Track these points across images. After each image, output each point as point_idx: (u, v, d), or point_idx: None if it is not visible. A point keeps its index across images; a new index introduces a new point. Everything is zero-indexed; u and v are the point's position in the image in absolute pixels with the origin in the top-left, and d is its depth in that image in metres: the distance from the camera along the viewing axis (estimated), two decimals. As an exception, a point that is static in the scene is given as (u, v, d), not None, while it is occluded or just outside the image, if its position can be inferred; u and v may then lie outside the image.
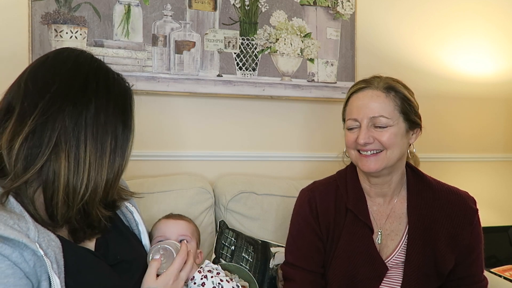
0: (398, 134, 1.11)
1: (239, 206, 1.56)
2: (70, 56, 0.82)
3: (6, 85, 0.80)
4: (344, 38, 1.92)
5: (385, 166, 1.12)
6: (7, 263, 0.66)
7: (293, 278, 1.19)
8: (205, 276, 1.05)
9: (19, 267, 0.67)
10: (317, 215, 1.20)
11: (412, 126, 1.15)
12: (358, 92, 1.16)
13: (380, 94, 1.11)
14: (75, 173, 0.75)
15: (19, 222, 0.69)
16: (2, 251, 0.65)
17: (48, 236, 0.72)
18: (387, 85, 1.13)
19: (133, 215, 1.00)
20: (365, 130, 1.11)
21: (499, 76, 2.19)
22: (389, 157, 1.11)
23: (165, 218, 1.22)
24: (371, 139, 1.10)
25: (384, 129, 1.10)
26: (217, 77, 1.76)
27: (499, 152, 2.22)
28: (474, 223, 1.17)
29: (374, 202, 1.21)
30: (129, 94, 0.86)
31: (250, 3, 1.79)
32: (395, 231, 1.18)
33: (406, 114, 1.12)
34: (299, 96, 1.87)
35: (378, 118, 1.10)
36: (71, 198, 0.75)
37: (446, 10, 2.10)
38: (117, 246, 0.90)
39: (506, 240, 2.00)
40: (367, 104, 1.12)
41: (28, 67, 0.81)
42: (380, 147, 1.11)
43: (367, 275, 1.13)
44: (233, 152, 1.82)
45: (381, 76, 1.18)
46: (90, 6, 1.60)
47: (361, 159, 1.14)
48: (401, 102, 1.12)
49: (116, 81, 0.84)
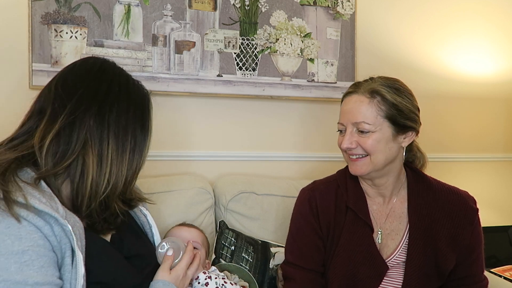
0: (381, 140, 1.10)
1: (239, 206, 1.56)
2: (95, 63, 0.91)
3: (6, 85, 0.81)
4: (344, 38, 1.92)
5: (372, 170, 1.13)
6: (39, 234, 0.72)
7: (293, 277, 1.20)
8: (209, 277, 1.08)
9: (49, 240, 0.73)
10: (317, 214, 1.20)
11: (402, 129, 1.13)
12: (347, 96, 1.17)
13: (363, 100, 1.11)
14: (99, 169, 0.83)
15: (50, 201, 0.76)
16: (36, 222, 0.72)
17: (73, 217, 0.79)
18: (372, 90, 1.11)
19: (146, 218, 1.06)
20: (348, 135, 1.12)
21: (499, 76, 2.19)
22: (374, 162, 1.12)
23: (178, 226, 1.29)
24: (354, 144, 1.12)
25: (367, 134, 1.10)
26: (217, 77, 1.76)
27: (499, 152, 2.22)
28: (474, 223, 1.17)
29: (374, 202, 1.22)
30: (147, 98, 0.95)
31: (250, 3, 1.79)
32: (395, 231, 1.19)
33: (392, 119, 1.10)
34: (299, 96, 1.87)
35: (360, 123, 1.10)
36: (94, 191, 0.83)
37: (446, 10, 2.10)
38: (130, 241, 0.95)
39: (506, 240, 2.00)
40: (351, 109, 1.13)
41: (58, 73, 0.90)
42: (363, 152, 1.12)
43: (368, 274, 1.13)
44: (233, 152, 1.82)
45: (375, 77, 1.17)
46: (90, 6, 1.60)
47: (350, 162, 1.17)
48: (386, 107, 1.10)
49: (135, 87, 0.93)
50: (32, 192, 0.75)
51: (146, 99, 0.94)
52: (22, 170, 0.78)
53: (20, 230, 0.70)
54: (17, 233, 0.70)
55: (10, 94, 1.53)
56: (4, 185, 0.72)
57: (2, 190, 0.71)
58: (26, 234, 0.70)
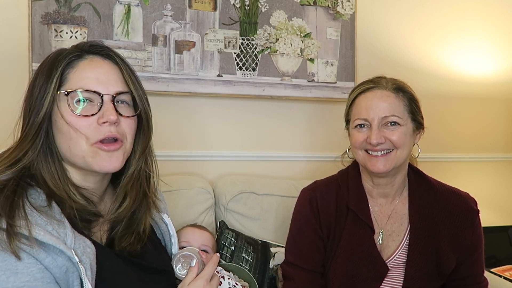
0: (407, 134, 1.12)
1: (239, 206, 1.56)
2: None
3: (6, 84, 0.80)
4: (344, 38, 1.92)
5: (394, 166, 1.12)
6: (38, 267, 0.68)
7: (293, 277, 1.19)
8: (222, 276, 1.11)
9: (50, 272, 0.69)
10: (318, 214, 1.20)
11: (418, 126, 1.16)
12: (366, 92, 1.14)
13: (390, 94, 1.11)
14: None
15: (58, 228, 0.72)
16: (36, 255, 0.68)
17: (84, 242, 0.74)
18: (396, 86, 1.13)
19: (168, 227, 1.01)
20: (376, 130, 1.10)
21: (499, 76, 2.19)
22: (399, 156, 1.11)
23: (191, 226, 1.29)
24: (382, 139, 1.09)
25: (395, 127, 1.10)
26: (217, 77, 1.76)
27: (499, 152, 2.22)
28: (475, 224, 1.17)
29: (376, 203, 1.21)
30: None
31: (250, 3, 1.79)
32: (396, 232, 1.18)
33: (414, 114, 1.13)
34: (299, 96, 1.87)
35: (390, 117, 1.10)
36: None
37: (446, 10, 2.10)
38: (151, 255, 0.91)
39: (506, 240, 2.00)
40: (377, 103, 1.11)
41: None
42: (391, 146, 1.10)
43: (368, 275, 1.13)
44: (233, 152, 1.82)
45: (386, 76, 1.17)
46: (90, 6, 1.60)
47: (370, 160, 1.12)
48: (409, 103, 1.12)
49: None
50: (39, 220, 0.70)
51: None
52: (32, 189, 0.75)
53: (17, 264, 0.66)
54: (14, 268, 0.66)
55: (10, 94, 1.53)
56: (10, 215, 0.68)
57: (6, 221, 0.68)
58: (23, 268, 0.67)
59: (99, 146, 0.79)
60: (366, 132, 1.12)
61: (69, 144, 0.78)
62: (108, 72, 0.82)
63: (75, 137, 0.78)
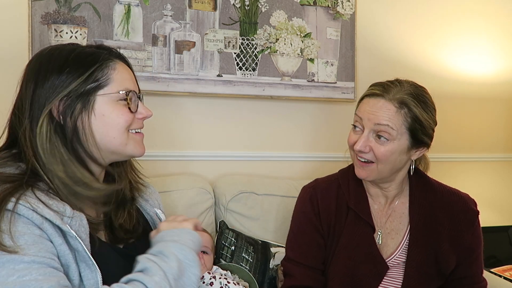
0: (395, 151, 1.08)
1: (239, 206, 1.56)
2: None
3: (6, 84, 0.81)
4: (344, 38, 1.92)
5: (375, 178, 1.13)
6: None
7: (293, 274, 1.20)
8: (213, 276, 1.09)
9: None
10: (318, 212, 1.20)
11: (417, 144, 1.11)
12: (371, 97, 1.11)
13: (391, 108, 1.07)
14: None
15: (58, 204, 0.78)
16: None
17: (81, 220, 0.79)
18: (401, 101, 1.07)
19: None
20: (365, 137, 1.09)
21: (499, 76, 2.19)
22: (380, 170, 1.11)
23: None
24: (367, 148, 1.09)
25: (384, 142, 1.07)
26: (217, 77, 1.76)
27: (499, 152, 2.22)
28: (475, 225, 1.18)
29: (376, 202, 1.22)
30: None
31: (250, 3, 1.79)
32: (395, 230, 1.19)
33: (413, 132, 1.08)
34: (299, 96, 1.87)
35: (384, 126, 1.06)
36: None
37: (446, 10, 2.10)
38: (145, 248, 0.92)
39: (506, 240, 2.00)
40: (376, 112, 1.08)
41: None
42: (372, 158, 1.10)
43: (368, 274, 1.14)
44: (233, 152, 1.82)
45: (403, 83, 1.12)
46: (90, 6, 1.60)
47: (356, 163, 1.15)
48: (411, 120, 1.07)
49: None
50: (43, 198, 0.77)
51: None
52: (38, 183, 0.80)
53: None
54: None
55: (10, 94, 1.52)
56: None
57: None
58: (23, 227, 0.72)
59: (138, 135, 0.93)
60: (358, 136, 1.12)
61: (113, 135, 0.86)
62: (130, 73, 0.92)
63: (118, 129, 0.86)
